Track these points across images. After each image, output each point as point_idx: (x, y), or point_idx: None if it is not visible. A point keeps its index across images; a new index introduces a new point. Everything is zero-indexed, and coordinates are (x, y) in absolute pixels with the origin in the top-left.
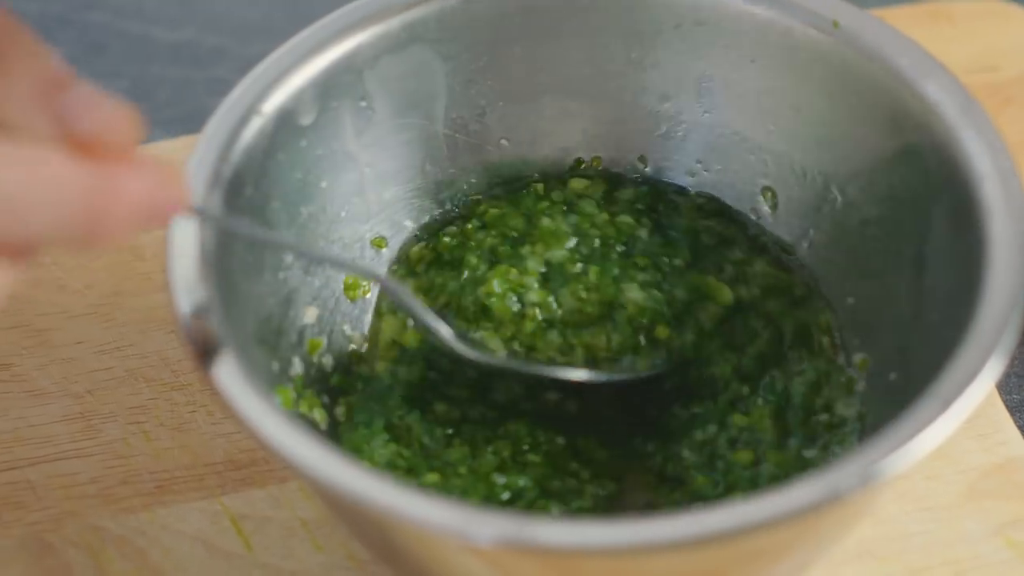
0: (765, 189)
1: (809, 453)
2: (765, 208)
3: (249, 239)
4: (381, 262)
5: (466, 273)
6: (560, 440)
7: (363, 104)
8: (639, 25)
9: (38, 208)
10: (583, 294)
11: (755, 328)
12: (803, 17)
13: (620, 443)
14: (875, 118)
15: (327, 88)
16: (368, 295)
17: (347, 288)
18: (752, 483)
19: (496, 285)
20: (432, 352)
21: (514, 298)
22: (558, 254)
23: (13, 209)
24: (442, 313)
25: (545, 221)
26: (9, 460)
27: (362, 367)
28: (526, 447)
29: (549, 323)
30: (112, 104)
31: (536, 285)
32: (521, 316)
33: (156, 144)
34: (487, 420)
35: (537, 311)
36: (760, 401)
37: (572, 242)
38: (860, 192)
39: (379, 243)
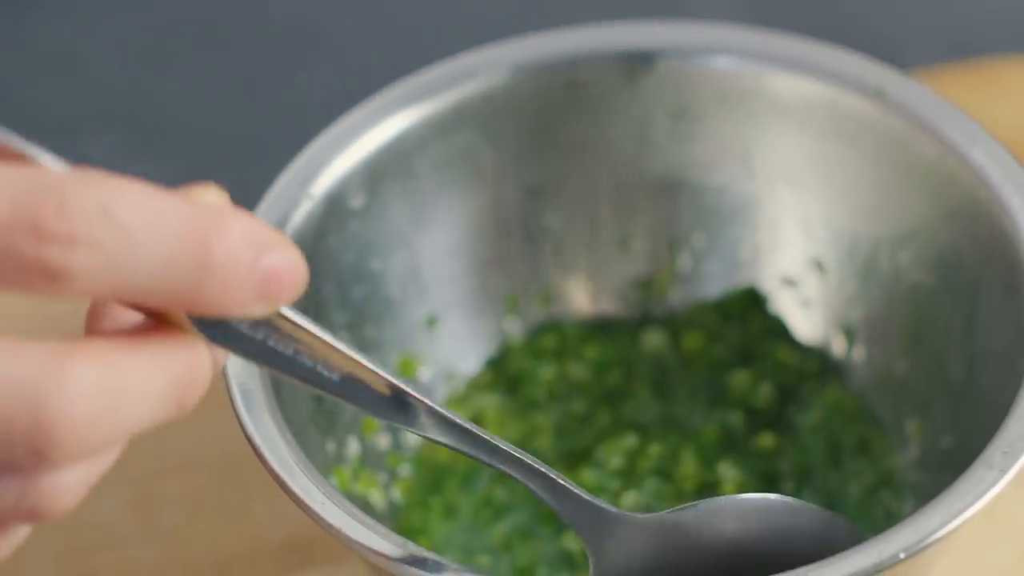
0: (815, 259)
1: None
2: (816, 278)
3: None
4: (435, 341)
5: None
6: None
7: (412, 185)
8: (684, 99)
9: (128, 240)
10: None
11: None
12: (848, 86)
13: None
14: (922, 185)
15: (376, 170)
16: (425, 374)
17: (402, 367)
18: None
19: None
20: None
21: None
22: None
23: (102, 244)
24: None
25: None
26: (69, 547)
27: (420, 451)
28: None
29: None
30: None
31: None
32: None
33: None
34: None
35: None
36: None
37: None
38: (909, 259)
39: (432, 322)
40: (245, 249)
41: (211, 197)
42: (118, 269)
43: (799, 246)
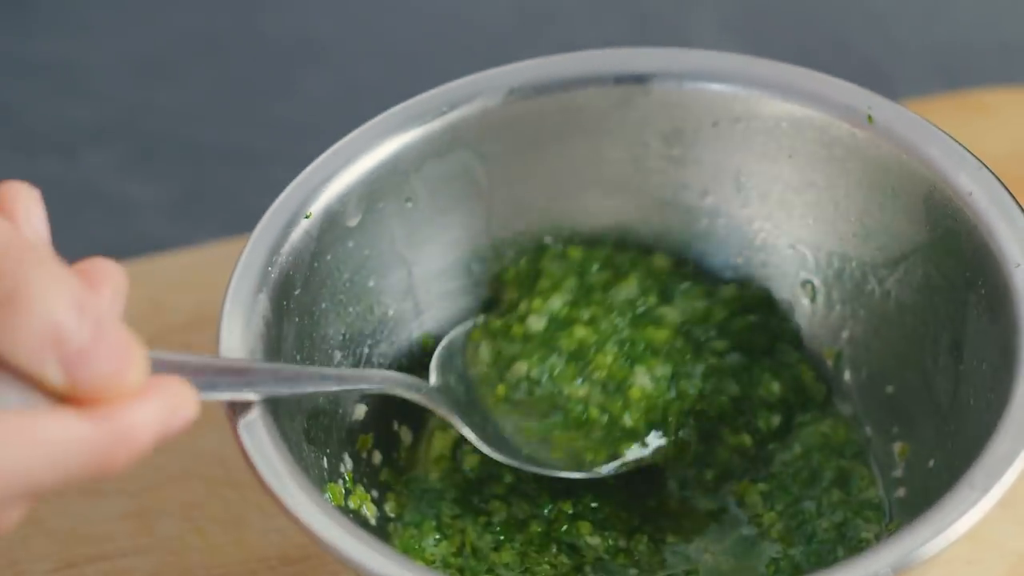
0: (805, 282)
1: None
2: (805, 302)
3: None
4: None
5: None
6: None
7: (409, 205)
8: (677, 123)
9: (45, 472)
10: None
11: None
12: (838, 112)
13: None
14: (910, 209)
15: (373, 190)
16: None
17: None
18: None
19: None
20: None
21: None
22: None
23: (15, 476)
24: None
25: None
26: (67, 558)
27: (412, 470)
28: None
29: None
30: (117, 340)
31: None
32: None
33: (207, 247)
34: (539, 520)
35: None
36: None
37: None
38: (897, 282)
39: (427, 341)
40: (152, 437)
41: (125, 376)
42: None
43: (789, 269)
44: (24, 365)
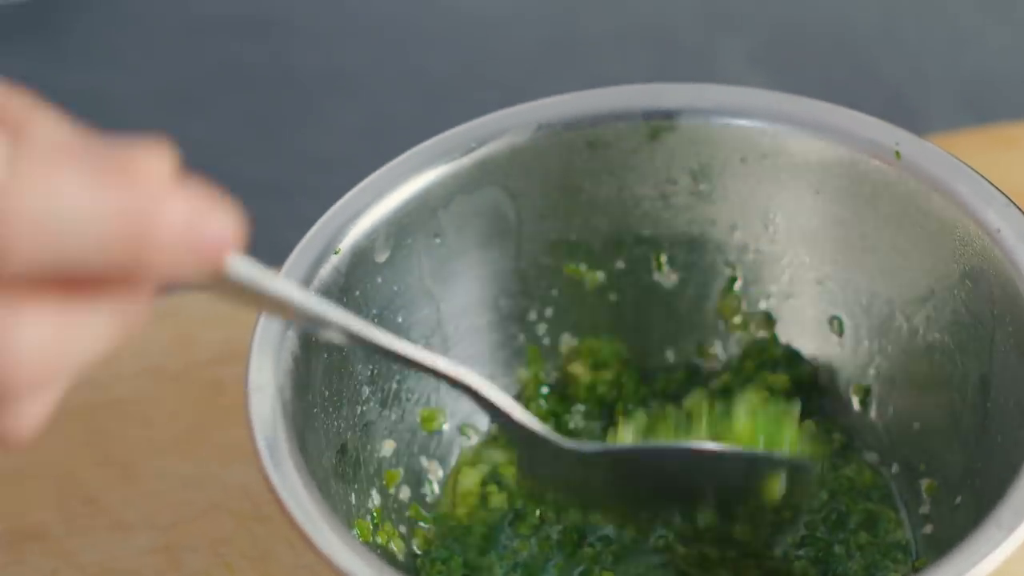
0: (832, 318)
1: None
2: (833, 337)
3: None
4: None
5: None
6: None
7: (437, 240)
8: (705, 159)
9: (70, 227)
10: None
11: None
12: (865, 148)
13: None
14: (938, 245)
15: (401, 226)
16: (445, 426)
17: (424, 421)
18: None
19: None
20: (512, 496)
21: None
22: None
23: (46, 227)
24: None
25: None
26: None
27: (440, 506)
28: None
29: None
30: (222, 206)
31: None
32: None
33: None
34: (567, 557)
35: None
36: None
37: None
38: (926, 318)
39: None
40: (182, 229)
41: (153, 164)
42: (57, 250)
43: (817, 305)
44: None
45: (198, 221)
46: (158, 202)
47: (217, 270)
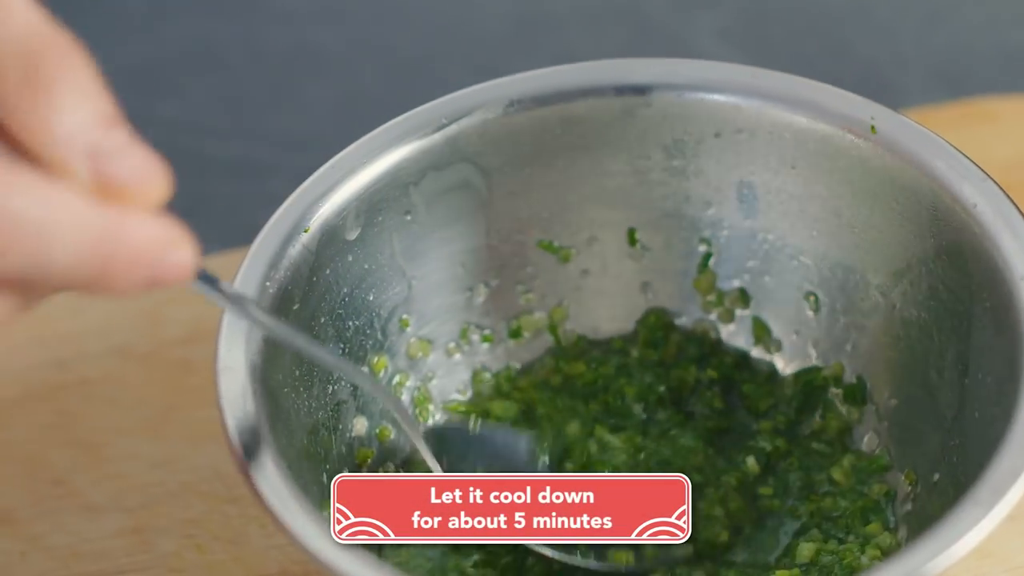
0: (808, 294)
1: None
2: (809, 314)
3: (285, 343)
4: (425, 365)
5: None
6: None
7: (408, 218)
8: (680, 134)
9: (57, 240)
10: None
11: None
12: (841, 123)
13: None
14: (915, 221)
15: (372, 203)
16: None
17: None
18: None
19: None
20: None
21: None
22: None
23: (38, 237)
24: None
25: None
26: (65, 575)
27: None
28: None
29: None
30: (145, 155)
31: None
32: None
33: (205, 259)
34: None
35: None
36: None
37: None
38: (902, 294)
39: (424, 349)
40: (143, 255)
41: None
42: (34, 262)
43: (792, 282)
44: (48, 151)
45: (159, 250)
46: (128, 226)
47: (170, 285)
